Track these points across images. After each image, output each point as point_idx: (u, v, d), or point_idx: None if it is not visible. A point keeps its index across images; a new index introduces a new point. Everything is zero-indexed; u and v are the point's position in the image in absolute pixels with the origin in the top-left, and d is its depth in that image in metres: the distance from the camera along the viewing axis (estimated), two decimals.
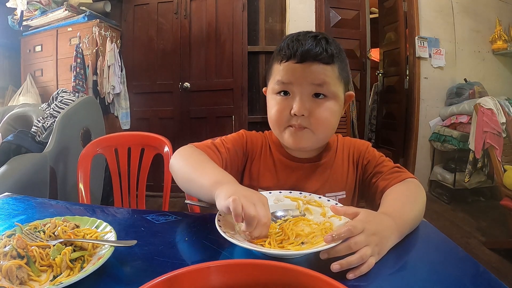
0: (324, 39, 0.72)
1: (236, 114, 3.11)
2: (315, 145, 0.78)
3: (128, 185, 1.26)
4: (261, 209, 0.53)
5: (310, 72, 0.70)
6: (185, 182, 0.71)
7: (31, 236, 0.55)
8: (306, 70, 0.70)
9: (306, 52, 0.69)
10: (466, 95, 2.87)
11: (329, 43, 0.72)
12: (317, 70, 0.70)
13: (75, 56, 2.75)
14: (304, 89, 0.71)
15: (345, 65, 0.76)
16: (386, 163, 0.79)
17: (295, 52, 0.70)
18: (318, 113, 0.71)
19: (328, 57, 0.70)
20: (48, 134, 1.99)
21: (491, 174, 2.37)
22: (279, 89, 0.73)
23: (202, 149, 0.77)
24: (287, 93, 0.73)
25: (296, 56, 0.70)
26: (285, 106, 0.73)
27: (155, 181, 1.78)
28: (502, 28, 3.05)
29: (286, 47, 0.72)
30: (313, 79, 0.70)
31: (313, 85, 0.71)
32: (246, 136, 0.85)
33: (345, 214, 0.58)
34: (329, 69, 0.71)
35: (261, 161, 0.83)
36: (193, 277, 0.37)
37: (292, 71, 0.71)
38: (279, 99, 0.74)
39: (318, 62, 0.70)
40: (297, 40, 0.72)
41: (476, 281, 0.50)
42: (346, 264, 0.48)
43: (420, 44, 3.02)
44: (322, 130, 0.73)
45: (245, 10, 3.04)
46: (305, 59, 0.70)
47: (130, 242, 0.53)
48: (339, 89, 0.74)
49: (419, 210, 0.66)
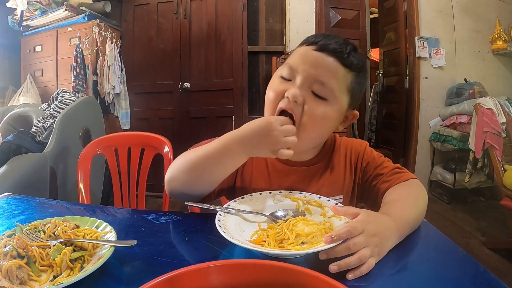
0: (353, 46, 0.71)
1: (236, 114, 3.11)
2: (299, 148, 0.68)
3: (128, 185, 1.26)
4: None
5: (321, 64, 0.67)
6: (198, 174, 0.67)
7: (31, 236, 0.55)
8: (319, 60, 0.68)
9: (328, 44, 0.68)
10: (466, 95, 2.87)
11: (356, 52, 0.70)
12: (329, 65, 0.67)
13: (75, 56, 2.75)
14: (306, 80, 0.67)
15: (361, 83, 0.73)
16: (386, 164, 0.78)
17: (319, 41, 0.69)
18: (312, 109, 0.67)
19: (347, 60, 0.68)
20: (48, 134, 1.99)
21: (491, 174, 2.37)
22: (285, 72, 0.70)
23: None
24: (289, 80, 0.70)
25: (317, 44, 0.69)
26: (283, 89, 0.68)
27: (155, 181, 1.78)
28: (502, 28, 3.05)
29: (313, 37, 0.71)
30: (320, 74, 0.67)
31: (316, 81, 0.67)
32: None
33: (345, 214, 0.58)
34: (342, 71, 0.68)
35: (254, 165, 0.79)
36: (193, 277, 0.37)
37: (305, 55, 0.69)
38: (280, 82, 0.71)
39: (334, 58, 0.67)
40: (327, 36, 0.71)
41: (476, 281, 0.50)
42: (345, 265, 0.48)
43: (420, 44, 3.01)
44: (308, 129, 0.67)
45: (245, 10, 3.04)
46: (324, 49, 0.68)
47: (130, 242, 0.53)
48: (343, 98, 0.69)
49: (420, 210, 0.66)
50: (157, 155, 1.23)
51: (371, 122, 4.04)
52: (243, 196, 0.70)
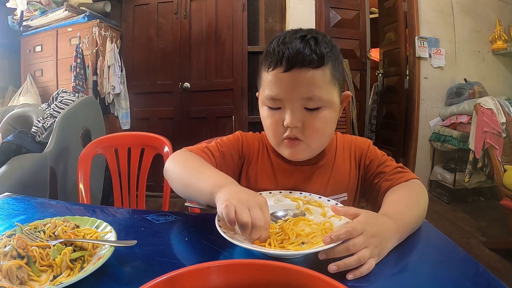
0: (313, 38, 0.67)
1: (236, 114, 3.11)
2: (312, 155, 0.76)
3: (128, 185, 1.26)
4: (257, 213, 0.52)
5: (299, 83, 0.66)
6: (183, 188, 0.70)
7: (31, 236, 0.55)
8: (295, 80, 0.66)
9: (293, 58, 0.65)
10: (466, 95, 2.87)
11: (318, 42, 0.67)
12: (306, 79, 0.66)
13: (75, 56, 2.75)
14: (294, 104, 0.67)
15: (339, 63, 0.71)
16: (389, 162, 0.78)
17: (281, 58, 0.66)
18: (312, 125, 0.68)
19: (318, 59, 0.66)
20: (48, 134, 1.99)
21: (491, 174, 2.37)
22: (270, 104, 0.70)
23: (197, 152, 0.75)
24: (279, 108, 0.70)
25: (283, 63, 0.66)
26: (278, 119, 0.70)
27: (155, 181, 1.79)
28: (502, 28, 3.05)
29: (272, 52, 0.68)
30: (302, 92, 0.66)
31: (304, 99, 0.67)
32: (242, 138, 0.83)
33: (346, 214, 0.58)
34: (320, 74, 0.66)
35: (258, 164, 0.80)
36: (193, 277, 0.37)
37: (280, 83, 0.67)
38: (271, 113, 0.71)
39: (306, 68, 0.65)
40: (283, 43, 0.67)
41: (476, 281, 0.50)
42: (344, 265, 0.48)
43: (420, 44, 3.01)
44: (317, 141, 0.71)
45: (245, 10, 3.04)
46: (292, 65, 0.65)
47: (130, 242, 0.53)
48: (332, 95, 0.70)
49: (420, 211, 0.66)
50: (157, 155, 1.23)
51: (371, 122, 4.04)
52: None
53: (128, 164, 1.26)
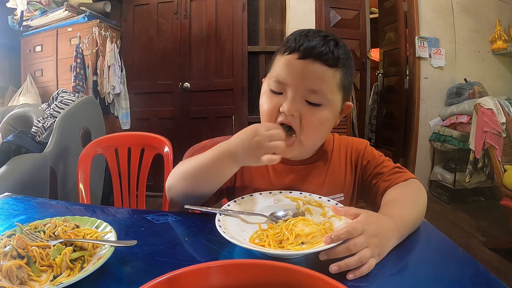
0: (334, 40, 0.68)
1: (236, 114, 3.11)
2: (303, 153, 0.76)
3: (128, 185, 1.26)
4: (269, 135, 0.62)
5: (309, 73, 0.66)
6: (192, 181, 0.71)
7: (31, 236, 0.55)
8: (305, 69, 0.66)
9: (310, 49, 0.66)
10: (466, 95, 2.87)
11: (338, 46, 0.68)
12: (317, 72, 0.66)
13: (75, 56, 2.75)
14: (297, 92, 0.67)
15: (350, 74, 0.72)
16: (386, 163, 0.78)
17: (300, 46, 0.67)
18: (309, 119, 0.68)
19: (333, 59, 0.67)
20: (48, 134, 1.99)
21: (491, 174, 2.37)
22: (274, 86, 0.70)
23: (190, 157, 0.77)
24: (280, 93, 0.70)
25: (300, 51, 0.67)
26: (276, 104, 0.69)
27: (155, 181, 1.78)
28: (502, 28, 3.05)
29: (293, 40, 0.69)
30: (310, 83, 0.67)
31: (308, 91, 0.67)
32: None
33: (346, 214, 0.58)
34: (330, 73, 0.67)
35: None
36: (193, 277, 0.37)
37: (291, 68, 0.68)
38: (272, 96, 0.71)
39: (320, 63, 0.66)
40: (305, 36, 0.68)
41: (476, 281, 0.50)
42: (345, 266, 0.48)
43: (420, 44, 3.01)
44: (310, 137, 0.70)
45: (245, 10, 3.04)
46: (307, 55, 0.66)
47: (130, 242, 0.53)
48: (336, 97, 0.70)
49: (420, 211, 0.66)
50: (157, 155, 1.23)
51: (371, 122, 4.04)
52: (243, 196, 0.71)
53: (128, 164, 1.26)
